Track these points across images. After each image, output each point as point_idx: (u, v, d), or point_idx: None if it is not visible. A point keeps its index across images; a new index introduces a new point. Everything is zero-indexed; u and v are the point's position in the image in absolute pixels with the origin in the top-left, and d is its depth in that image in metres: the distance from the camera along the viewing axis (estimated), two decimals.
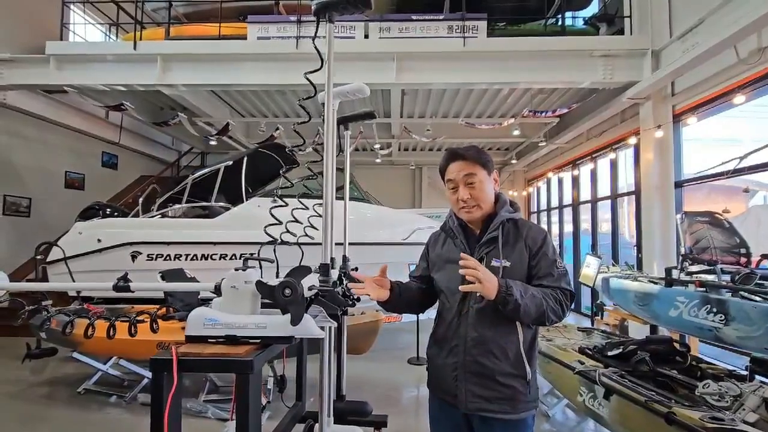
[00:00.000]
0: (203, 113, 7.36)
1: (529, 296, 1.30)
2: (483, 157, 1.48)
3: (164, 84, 5.77)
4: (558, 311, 1.35)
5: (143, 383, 3.72)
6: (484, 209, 1.45)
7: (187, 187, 5.06)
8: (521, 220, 1.48)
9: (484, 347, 1.37)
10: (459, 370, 1.41)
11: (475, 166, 1.45)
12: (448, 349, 1.46)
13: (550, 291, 1.35)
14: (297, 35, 5.75)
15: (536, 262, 1.40)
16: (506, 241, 1.42)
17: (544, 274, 1.39)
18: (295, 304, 1.45)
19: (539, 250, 1.41)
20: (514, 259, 1.40)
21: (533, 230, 1.45)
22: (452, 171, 1.48)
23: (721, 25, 4.36)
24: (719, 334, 2.64)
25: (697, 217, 3.50)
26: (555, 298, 1.35)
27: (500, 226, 1.43)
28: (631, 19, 5.95)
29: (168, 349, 1.45)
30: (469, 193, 1.44)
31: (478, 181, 1.44)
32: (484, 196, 1.44)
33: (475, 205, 1.44)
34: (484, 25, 5.83)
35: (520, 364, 1.36)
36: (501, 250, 1.40)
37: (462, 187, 1.45)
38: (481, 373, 1.37)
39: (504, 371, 1.36)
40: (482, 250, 1.44)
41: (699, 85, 5.15)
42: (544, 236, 1.44)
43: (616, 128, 7.01)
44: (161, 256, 4.65)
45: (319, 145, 2.63)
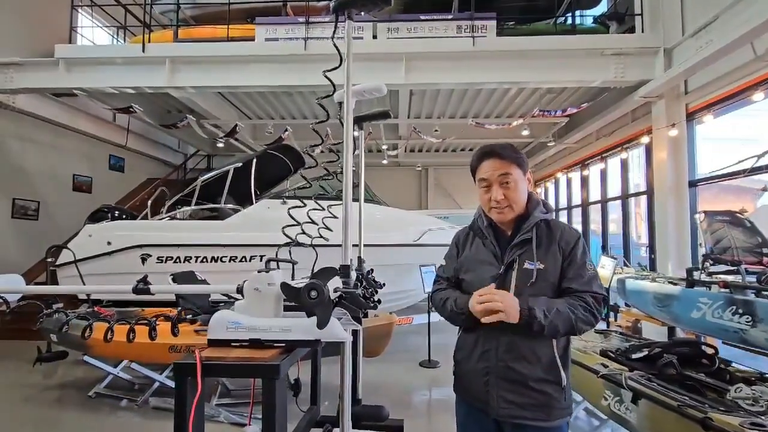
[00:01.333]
0: (211, 115, 7.36)
1: (555, 313, 1.26)
2: (519, 156, 1.43)
3: (173, 86, 5.77)
4: (589, 319, 1.31)
5: (155, 386, 3.69)
6: (516, 211, 1.41)
7: (196, 189, 5.04)
8: (554, 221, 1.44)
9: (516, 352, 1.33)
10: (490, 376, 1.36)
11: (511, 165, 1.39)
12: (479, 354, 1.41)
13: (579, 298, 1.31)
14: (305, 36, 5.73)
15: (568, 265, 1.36)
16: (539, 243, 1.38)
17: (574, 276, 1.35)
18: (322, 306, 1.41)
19: (572, 252, 1.36)
20: (547, 261, 1.36)
21: (567, 232, 1.41)
22: (486, 170, 1.42)
23: (737, 22, 4.29)
24: (745, 336, 2.57)
25: (717, 216, 3.43)
26: (585, 306, 1.30)
27: (534, 227, 1.38)
28: (642, 17, 5.88)
29: (191, 353, 1.41)
30: (503, 193, 1.38)
31: (513, 181, 1.38)
32: (518, 197, 1.39)
33: (507, 206, 1.39)
34: (494, 25, 5.79)
35: (555, 369, 1.32)
36: (535, 253, 1.36)
37: (496, 187, 1.40)
38: (514, 379, 1.33)
39: (537, 377, 1.31)
40: (514, 252, 1.39)
41: (713, 83, 5.07)
42: (578, 238, 1.40)
43: (626, 127, 6.94)
44: (171, 259, 4.62)
45: (334, 144, 2.60)
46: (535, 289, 1.33)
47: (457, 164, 11.34)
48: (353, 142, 2.78)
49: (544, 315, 1.25)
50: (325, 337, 1.44)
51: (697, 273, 3.18)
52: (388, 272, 3.12)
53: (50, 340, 3.52)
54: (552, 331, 1.27)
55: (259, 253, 4.59)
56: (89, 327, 2.86)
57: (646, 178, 6.53)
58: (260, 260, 4.61)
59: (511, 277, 1.37)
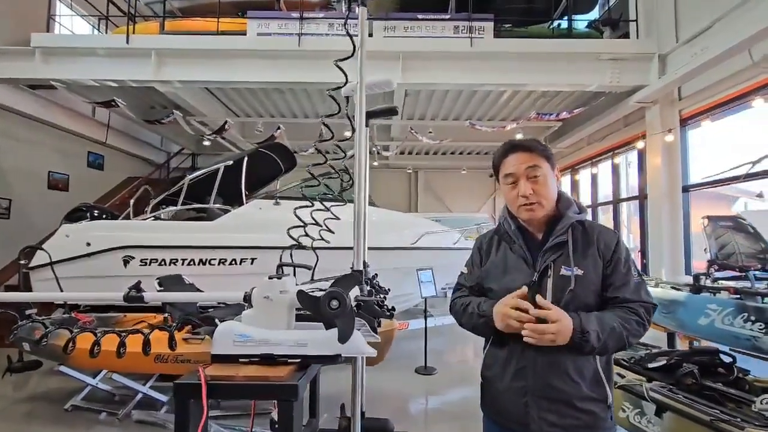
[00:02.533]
0: (198, 112, 7.09)
1: (608, 333, 1.15)
2: (547, 149, 1.33)
3: (159, 80, 5.52)
4: (640, 332, 1.20)
5: (137, 398, 3.44)
6: (547, 208, 1.28)
7: (183, 188, 4.79)
8: (589, 222, 1.32)
9: (558, 368, 1.20)
10: (529, 396, 1.22)
11: (540, 158, 1.28)
12: (513, 372, 1.26)
13: (631, 310, 1.20)
14: (299, 32, 5.56)
15: (611, 271, 1.24)
16: (576, 246, 1.25)
17: (621, 284, 1.23)
18: (344, 318, 1.26)
19: (613, 256, 1.24)
20: (586, 267, 1.23)
21: (605, 233, 1.29)
22: (511, 164, 1.30)
23: (733, 29, 4.33)
24: (758, 343, 2.52)
25: (720, 221, 3.41)
26: (637, 320, 1.19)
27: (569, 228, 1.26)
28: (637, 23, 5.93)
29: (194, 373, 1.24)
30: (531, 188, 1.26)
31: (542, 174, 1.27)
32: (547, 193, 1.28)
33: (537, 202, 1.27)
34: (491, 26, 5.74)
35: (600, 385, 1.21)
36: (572, 257, 1.23)
37: (524, 181, 1.27)
38: (556, 398, 1.20)
39: (582, 395, 1.19)
40: (548, 257, 1.26)
41: (707, 90, 5.13)
42: (618, 240, 1.28)
43: (619, 132, 6.99)
44: (156, 261, 4.37)
45: (341, 141, 2.43)
46: (573, 298, 1.21)
47: (448, 167, 11.30)
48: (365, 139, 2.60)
49: (597, 338, 1.13)
50: (348, 351, 1.29)
51: (702, 279, 3.14)
52: (384, 276, 2.99)
53: (21, 348, 3.25)
54: (602, 352, 1.18)
55: (251, 256, 4.38)
56: (72, 341, 2.59)
57: (639, 182, 6.57)
58: (251, 263, 4.40)
59: (547, 284, 1.24)
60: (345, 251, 2.96)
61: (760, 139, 4.63)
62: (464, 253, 5.15)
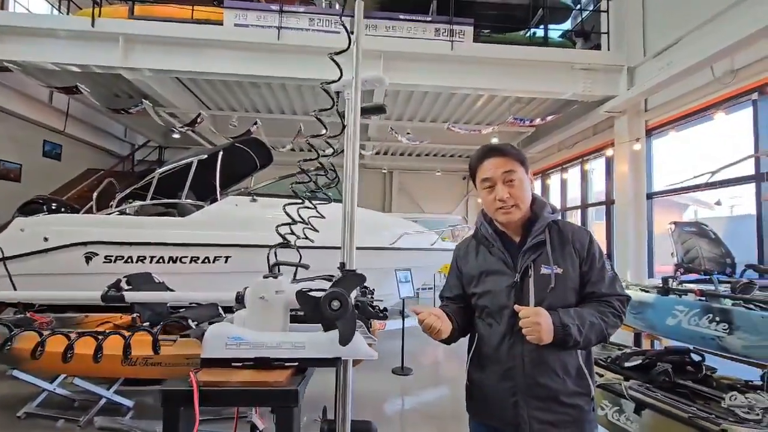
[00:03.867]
0: (168, 103, 6.77)
1: (588, 326, 1.20)
2: (521, 154, 1.37)
3: (127, 67, 5.22)
4: (617, 323, 1.27)
5: (101, 404, 3.23)
6: (523, 210, 1.32)
7: (153, 181, 4.55)
8: (562, 221, 1.38)
9: (544, 366, 1.24)
10: (519, 396, 1.25)
11: (515, 162, 1.32)
12: (501, 373, 1.29)
13: (607, 304, 1.27)
14: (279, 26, 5.42)
15: (588, 268, 1.29)
16: (554, 245, 1.30)
17: (597, 279, 1.29)
18: (345, 319, 1.21)
19: (588, 254, 1.30)
20: (565, 264, 1.28)
21: (578, 232, 1.34)
22: (488, 168, 1.33)
23: (694, 48, 4.59)
24: (722, 343, 2.67)
25: (685, 227, 3.59)
26: (614, 312, 1.26)
27: (546, 228, 1.31)
28: (608, 36, 6.18)
29: (185, 379, 1.15)
30: (508, 191, 1.30)
31: (518, 179, 1.30)
32: (523, 196, 1.31)
33: (514, 205, 1.30)
34: (471, 31, 5.82)
35: (583, 379, 1.26)
36: (551, 256, 1.28)
37: (500, 185, 1.31)
38: (545, 396, 1.24)
39: (569, 390, 1.24)
40: (527, 258, 1.30)
41: (671, 102, 5.41)
42: (590, 237, 1.34)
43: (588, 140, 7.26)
44: (121, 258, 4.12)
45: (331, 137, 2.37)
46: (555, 295, 1.26)
47: (422, 168, 11.38)
48: None
49: (578, 331, 1.18)
50: (348, 354, 1.25)
51: (669, 281, 3.30)
52: None
53: None
54: (586, 345, 1.23)
55: (225, 254, 4.22)
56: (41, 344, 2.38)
57: (606, 189, 6.86)
58: (225, 262, 4.24)
59: (529, 284, 1.28)
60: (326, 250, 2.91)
61: (719, 150, 4.93)
62: (441, 254, 5.18)
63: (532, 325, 1.16)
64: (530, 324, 1.16)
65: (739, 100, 4.43)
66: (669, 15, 5.29)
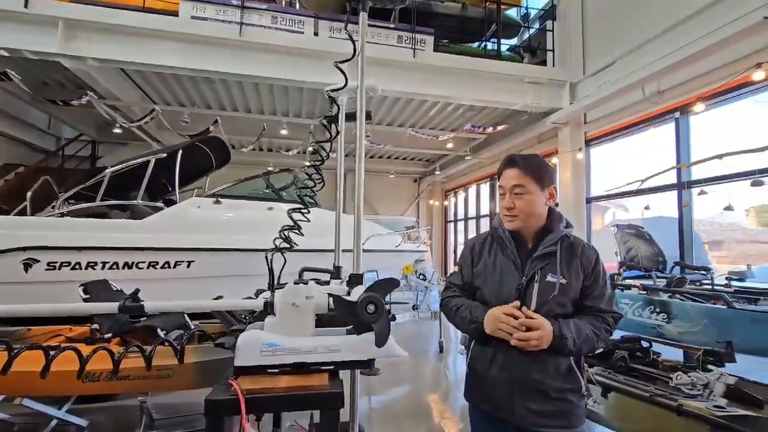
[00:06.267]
0: (110, 95, 6.23)
1: (582, 339, 1.32)
2: (541, 170, 1.45)
3: (68, 54, 4.75)
4: (606, 338, 1.40)
5: (52, 425, 2.95)
6: (526, 223, 1.43)
7: (104, 181, 4.19)
8: (575, 237, 1.48)
9: (539, 362, 1.35)
10: (514, 387, 1.38)
11: (527, 177, 1.41)
12: (500, 365, 1.41)
13: (602, 319, 1.39)
14: (240, 21, 5.25)
15: (590, 283, 1.40)
16: (562, 257, 1.40)
17: (597, 296, 1.41)
18: (381, 322, 1.27)
19: (593, 271, 1.41)
20: (570, 276, 1.39)
21: (588, 249, 1.45)
22: (504, 178, 1.46)
23: (627, 70, 5.19)
24: (662, 330, 3.08)
25: (625, 229, 4.06)
26: (605, 328, 1.38)
27: (558, 241, 1.41)
28: (553, 53, 6.73)
29: (224, 386, 1.15)
30: (513, 202, 1.42)
31: (526, 193, 1.41)
32: (528, 210, 1.42)
33: (516, 216, 1.43)
34: (431, 40, 6.05)
35: (574, 376, 1.37)
36: (558, 266, 1.39)
37: (509, 196, 1.44)
38: (537, 389, 1.35)
39: (559, 386, 1.35)
40: (536, 264, 1.40)
41: (607, 116, 6.04)
42: (597, 256, 1.44)
43: (533, 148, 7.83)
44: (67, 265, 3.76)
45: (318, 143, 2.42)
46: (556, 302, 1.37)
47: (376, 170, 11.52)
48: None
49: (573, 343, 1.30)
50: (382, 355, 1.31)
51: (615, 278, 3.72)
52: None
53: None
54: (577, 354, 1.36)
55: (188, 258, 4.02)
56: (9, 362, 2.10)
57: None
58: (187, 266, 4.03)
59: (533, 289, 1.38)
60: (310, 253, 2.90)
61: (647, 160, 5.59)
62: (405, 255, 5.35)
63: (540, 342, 1.27)
64: (537, 337, 1.27)
65: (665, 118, 5.06)
66: (605, 39, 5.91)
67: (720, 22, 3.80)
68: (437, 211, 12.89)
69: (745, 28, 3.56)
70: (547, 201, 1.44)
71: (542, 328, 1.28)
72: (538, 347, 1.28)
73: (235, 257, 4.11)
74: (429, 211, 12.89)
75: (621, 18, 5.64)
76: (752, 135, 3.99)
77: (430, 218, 12.83)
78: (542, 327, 1.28)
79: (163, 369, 2.70)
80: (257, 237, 4.05)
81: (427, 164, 12.02)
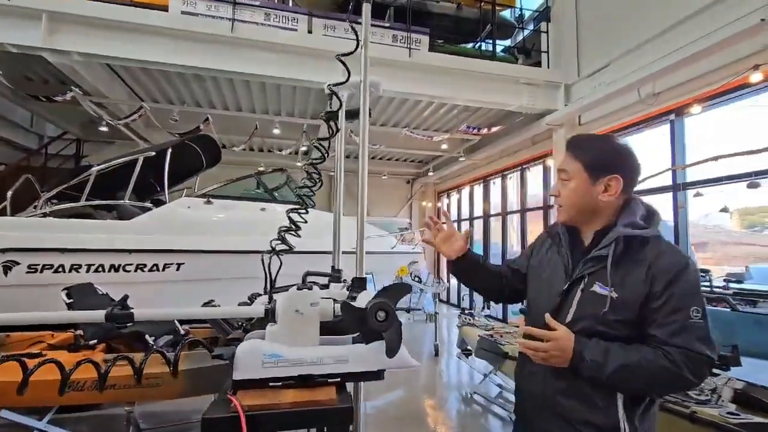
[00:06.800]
0: (95, 91, 6.01)
1: (615, 369, 1.02)
2: (594, 154, 1.20)
3: (52, 48, 4.57)
4: (672, 385, 1.06)
5: None
6: (574, 216, 1.23)
7: (90, 180, 4.03)
8: (654, 239, 1.11)
9: (568, 384, 1.13)
10: (537, 402, 1.22)
11: (575, 162, 1.20)
12: (527, 374, 1.27)
13: (664, 353, 1.01)
14: (232, 17, 5.12)
15: (660, 303, 1.04)
16: (618, 261, 1.10)
17: (664, 323, 1.03)
18: (392, 330, 1.18)
19: (669, 286, 1.04)
20: (627, 289, 1.07)
21: (667, 256, 1.08)
22: (560, 161, 1.32)
23: (622, 72, 5.19)
24: None
25: None
26: (668, 367, 0.99)
27: (614, 242, 1.11)
28: (548, 54, 6.73)
29: (223, 401, 1.05)
30: (557, 188, 1.26)
31: (572, 180, 1.21)
32: (571, 201, 1.21)
33: (561, 205, 1.25)
34: (427, 40, 5.98)
35: (614, 420, 1.06)
36: (609, 275, 1.09)
37: (558, 181, 1.27)
38: (560, 414, 1.14)
39: (584, 419, 1.10)
40: (586, 268, 1.15)
41: (602, 118, 6.03)
42: (681, 268, 1.06)
43: (527, 149, 7.82)
44: (50, 268, 3.60)
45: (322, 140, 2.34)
46: (596, 319, 1.09)
47: (369, 171, 11.38)
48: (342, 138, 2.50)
49: (596, 369, 1.04)
50: (394, 365, 1.22)
51: None
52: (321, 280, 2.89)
53: None
54: (605, 386, 1.06)
55: (177, 261, 3.88)
56: None
57: (543, 195, 7.43)
58: (177, 269, 3.89)
59: (575, 296, 1.15)
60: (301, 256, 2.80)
61: (644, 162, 5.59)
62: (400, 257, 5.28)
63: (548, 356, 1.10)
64: (542, 348, 1.11)
65: (660, 120, 5.07)
66: (599, 41, 5.91)
67: (717, 24, 3.80)
68: (430, 212, 12.84)
69: (743, 30, 3.56)
70: (601, 194, 1.17)
71: (556, 340, 1.09)
72: (548, 362, 1.11)
73: (227, 259, 3.99)
74: (422, 213, 12.84)
75: (615, 20, 5.65)
76: (748, 137, 4.00)
77: (422, 220, 12.79)
78: (556, 339, 1.09)
79: (152, 377, 2.58)
80: (250, 238, 3.93)
81: (420, 165, 11.97)
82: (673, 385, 1.08)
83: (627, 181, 1.17)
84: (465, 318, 4.52)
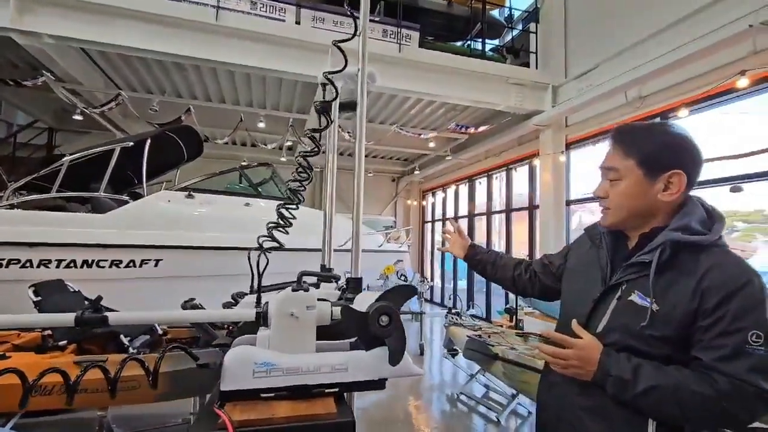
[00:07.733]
0: (69, 77, 5.71)
1: (644, 390, 0.89)
2: (650, 148, 1.01)
3: (21, 30, 4.30)
4: (711, 416, 0.87)
5: None
6: (621, 219, 1.06)
7: (61, 170, 3.80)
8: (711, 247, 0.94)
9: (593, 401, 1.02)
10: (554, 413, 1.14)
11: (627, 159, 1.02)
12: (548, 384, 1.19)
13: (709, 379, 0.86)
14: (217, 5, 4.93)
15: (709, 323, 0.88)
16: (663, 270, 0.95)
17: (710, 347, 0.88)
18: (396, 336, 1.10)
19: (722, 304, 0.88)
20: (670, 301, 0.93)
21: (724, 269, 0.91)
22: (604, 156, 1.10)
23: (609, 75, 5.23)
24: None
25: None
26: (710, 396, 0.85)
27: (660, 248, 0.96)
28: (536, 55, 6.75)
29: (210, 416, 0.95)
30: (604, 189, 1.08)
31: (624, 180, 1.03)
32: (622, 202, 1.04)
33: (607, 207, 1.08)
34: (417, 36, 5.91)
35: None
36: (651, 285, 0.94)
37: (603, 180, 1.09)
38: (578, 429, 1.05)
39: None
40: (626, 274, 1.02)
41: (588, 120, 6.09)
42: (742, 284, 0.88)
43: (513, 149, 7.85)
44: (16, 263, 3.37)
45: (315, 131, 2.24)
46: (631, 333, 0.96)
47: (352, 169, 11.29)
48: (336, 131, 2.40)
49: (620, 387, 0.93)
50: (396, 373, 1.14)
51: None
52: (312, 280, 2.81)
53: None
54: (632, 407, 0.94)
55: (155, 257, 3.70)
56: None
57: (529, 195, 7.48)
58: (155, 265, 3.72)
59: (609, 305, 1.02)
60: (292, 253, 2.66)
61: None
62: (387, 256, 5.20)
63: (567, 365, 1.01)
64: (562, 355, 1.02)
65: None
66: (588, 43, 5.96)
67: (705, 29, 3.85)
68: (415, 211, 12.81)
69: (730, 36, 3.61)
70: (661, 193, 1.00)
71: (580, 349, 0.98)
72: (566, 372, 1.02)
73: (208, 256, 3.84)
74: (406, 211, 12.80)
75: (604, 22, 5.70)
76: (733, 142, 4.07)
77: (407, 218, 12.73)
78: (580, 348, 0.98)
79: (128, 380, 2.43)
80: (233, 235, 3.79)
81: (405, 164, 11.91)
82: (715, 420, 0.89)
83: (690, 177, 1.01)
84: (452, 318, 4.47)
